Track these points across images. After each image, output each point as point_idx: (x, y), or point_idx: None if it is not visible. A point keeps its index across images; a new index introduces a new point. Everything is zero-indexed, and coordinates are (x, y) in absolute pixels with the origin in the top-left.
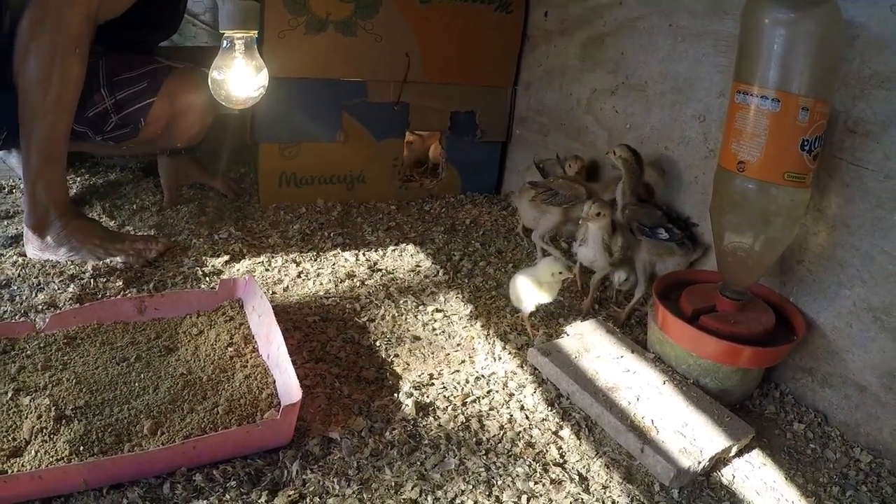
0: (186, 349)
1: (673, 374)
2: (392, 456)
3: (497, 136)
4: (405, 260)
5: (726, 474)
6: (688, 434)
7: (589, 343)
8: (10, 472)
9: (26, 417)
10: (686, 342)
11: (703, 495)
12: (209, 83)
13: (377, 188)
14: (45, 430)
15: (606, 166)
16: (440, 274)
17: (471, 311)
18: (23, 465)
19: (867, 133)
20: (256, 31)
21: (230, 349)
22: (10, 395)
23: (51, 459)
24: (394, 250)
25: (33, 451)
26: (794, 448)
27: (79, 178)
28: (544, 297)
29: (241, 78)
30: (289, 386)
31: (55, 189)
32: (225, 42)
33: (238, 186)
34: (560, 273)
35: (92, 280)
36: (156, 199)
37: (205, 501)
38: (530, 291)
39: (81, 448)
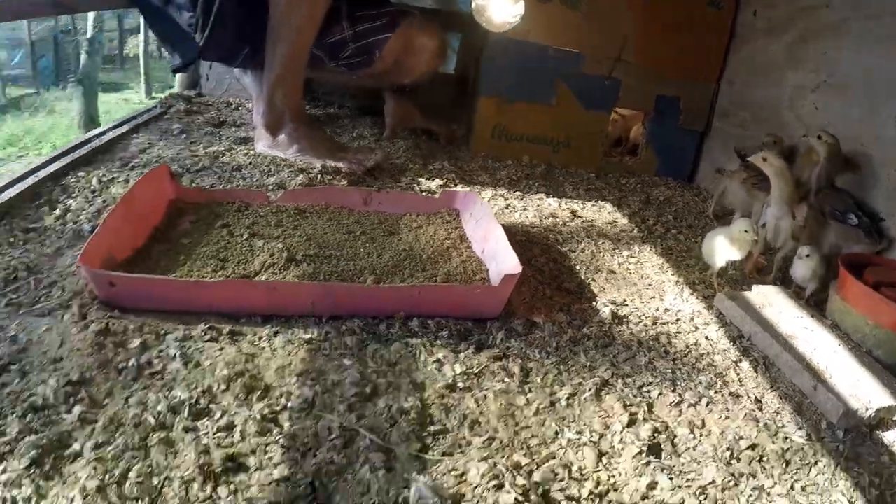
0: (406, 235)
1: (848, 340)
2: (588, 345)
3: (697, 126)
4: (603, 215)
5: (888, 436)
6: (859, 387)
7: (772, 300)
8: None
9: (258, 255)
10: (864, 307)
11: (865, 444)
12: (473, 8)
13: (580, 155)
14: (275, 266)
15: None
16: (634, 231)
17: (661, 263)
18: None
19: None
20: None
21: (447, 242)
22: (245, 236)
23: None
24: (593, 206)
25: (263, 279)
26: None
27: None
28: (734, 254)
29: (501, 4)
30: (506, 267)
31: (293, 96)
32: None
33: (453, 133)
34: (748, 232)
35: (319, 175)
36: (373, 132)
37: (417, 341)
38: (722, 247)
39: None
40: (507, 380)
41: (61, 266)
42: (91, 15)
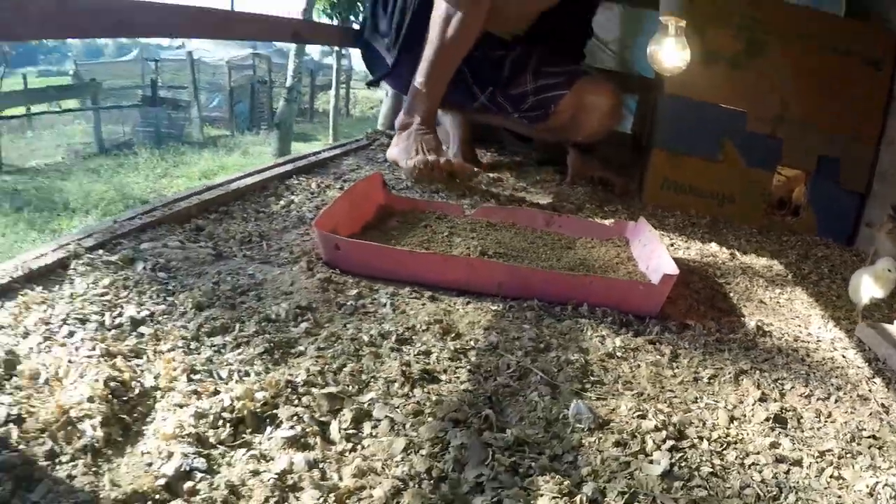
0: (581, 251)
1: None
2: (732, 346)
3: (857, 187)
4: (761, 260)
5: None
6: None
7: None
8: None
9: (456, 248)
10: None
11: None
12: (648, 53)
13: (743, 211)
14: (471, 256)
15: None
16: (789, 276)
17: (811, 301)
18: None
19: None
20: (685, 21)
21: (616, 259)
22: (445, 233)
23: None
24: (753, 252)
25: None
26: None
27: (489, 153)
28: (878, 291)
29: (670, 51)
30: (666, 271)
31: (429, 102)
32: (662, 22)
33: (627, 186)
34: (890, 271)
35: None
36: (554, 178)
37: (585, 321)
38: (866, 284)
39: None
40: (658, 357)
41: (288, 239)
42: (291, 66)
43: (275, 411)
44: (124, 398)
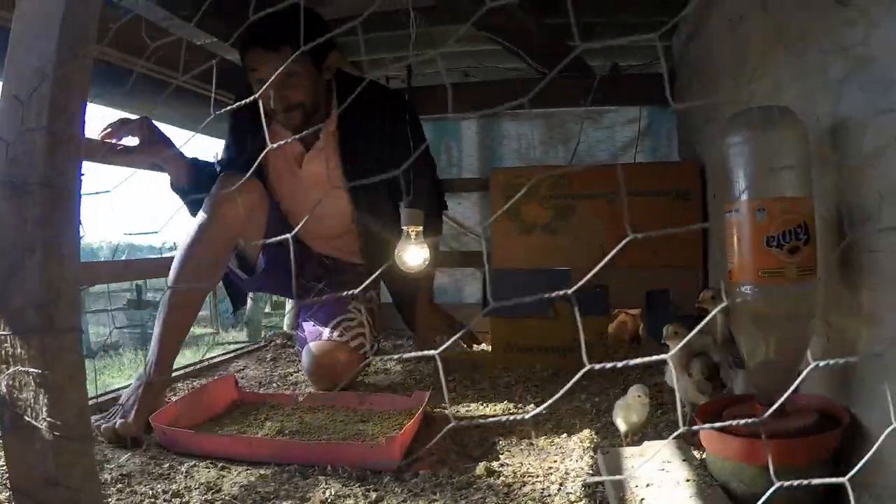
0: (371, 424)
1: (705, 476)
2: (445, 490)
3: (691, 310)
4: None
5: None
6: None
7: (646, 452)
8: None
9: (259, 430)
10: (709, 443)
11: None
12: (395, 256)
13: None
14: (268, 435)
15: None
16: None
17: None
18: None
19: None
20: (422, 227)
21: (392, 427)
22: (263, 418)
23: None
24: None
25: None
26: None
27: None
28: (634, 417)
29: (413, 254)
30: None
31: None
32: (405, 231)
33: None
34: (640, 396)
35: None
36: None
37: (322, 477)
38: (622, 413)
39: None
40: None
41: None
42: None
43: None
44: None
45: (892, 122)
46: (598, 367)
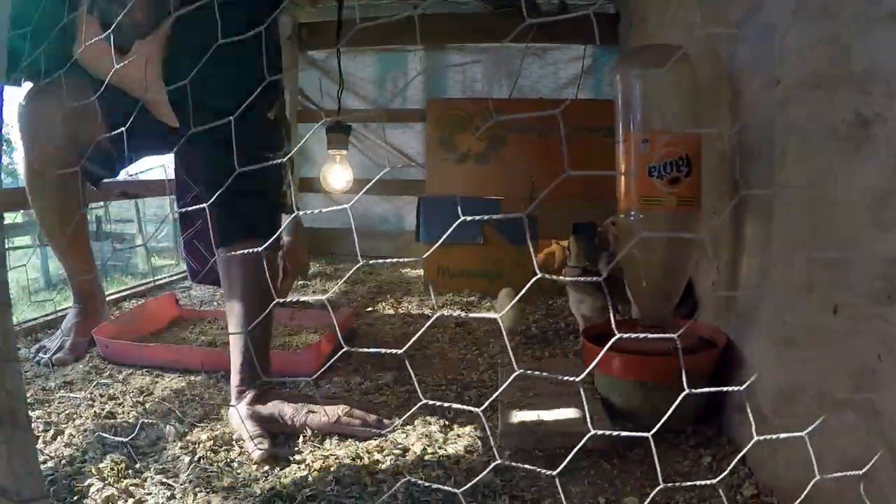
0: (300, 336)
1: (592, 390)
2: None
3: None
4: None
5: None
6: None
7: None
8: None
9: (194, 341)
10: (592, 360)
11: None
12: (321, 176)
13: (513, 282)
14: (203, 344)
15: None
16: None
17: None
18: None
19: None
20: (346, 151)
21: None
22: (198, 331)
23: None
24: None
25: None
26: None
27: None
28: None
29: (337, 176)
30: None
31: None
32: (330, 154)
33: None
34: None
35: None
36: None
37: None
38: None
39: None
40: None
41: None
42: None
43: None
44: None
45: (773, 63)
46: (548, 276)
